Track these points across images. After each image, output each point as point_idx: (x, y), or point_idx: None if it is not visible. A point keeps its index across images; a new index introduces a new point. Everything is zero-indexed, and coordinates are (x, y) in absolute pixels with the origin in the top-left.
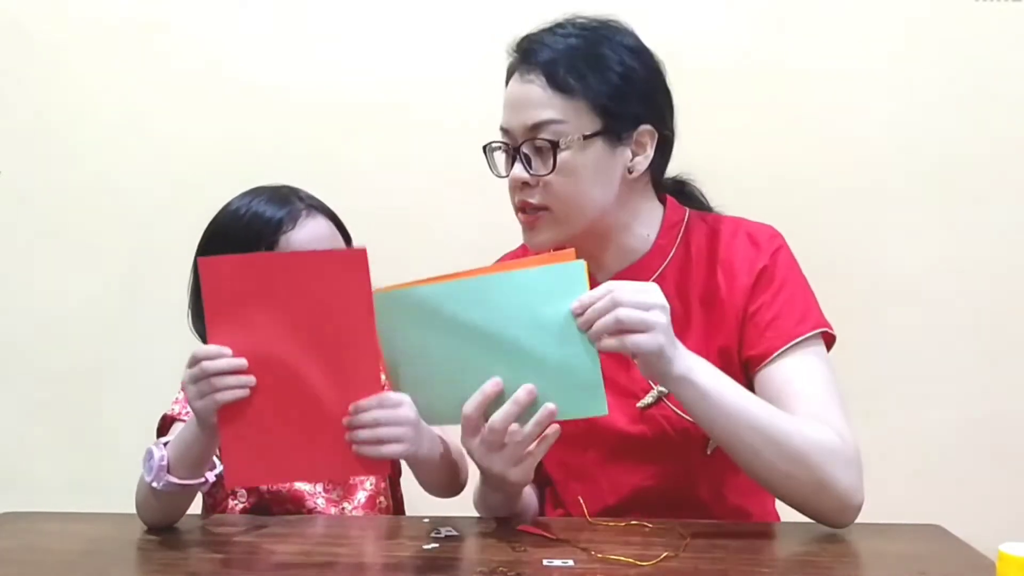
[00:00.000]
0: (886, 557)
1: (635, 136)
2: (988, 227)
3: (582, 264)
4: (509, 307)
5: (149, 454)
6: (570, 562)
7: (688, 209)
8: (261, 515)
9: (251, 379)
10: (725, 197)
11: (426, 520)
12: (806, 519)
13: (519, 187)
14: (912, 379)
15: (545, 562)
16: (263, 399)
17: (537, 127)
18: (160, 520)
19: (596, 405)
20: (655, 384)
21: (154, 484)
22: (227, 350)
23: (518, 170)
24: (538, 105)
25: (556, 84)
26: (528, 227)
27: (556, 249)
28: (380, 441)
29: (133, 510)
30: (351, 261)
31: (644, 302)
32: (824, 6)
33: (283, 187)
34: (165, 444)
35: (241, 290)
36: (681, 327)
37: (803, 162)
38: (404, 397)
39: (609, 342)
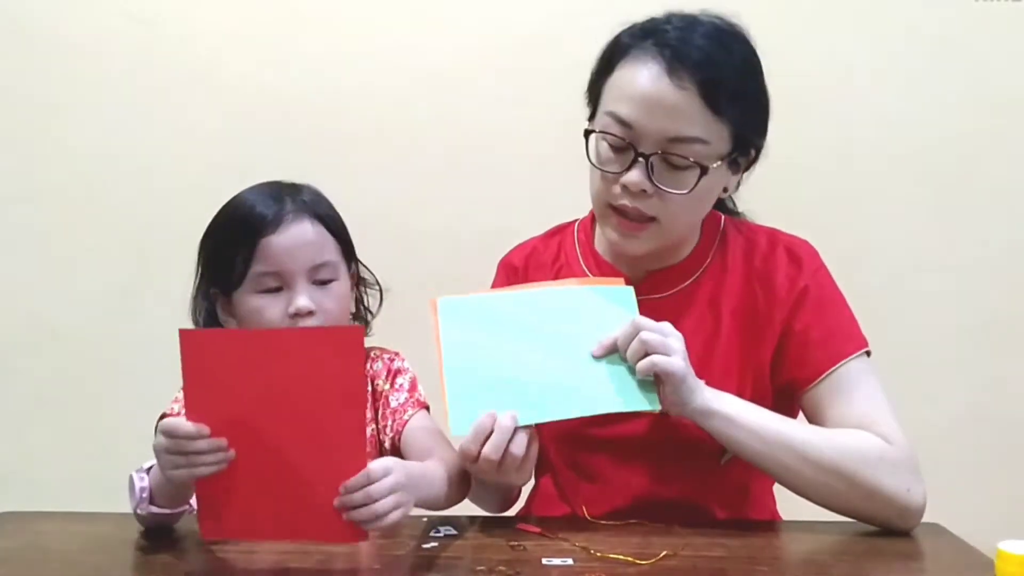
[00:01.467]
0: (885, 555)
1: (749, 159)
2: (985, 226)
3: (631, 290)
4: (570, 313)
5: (131, 482)
6: (569, 561)
7: (723, 216)
8: None
9: (231, 455)
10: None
11: (424, 519)
12: (805, 518)
13: (633, 192)
14: (909, 377)
15: (544, 561)
16: (244, 465)
17: (678, 141)
18: (156, 527)
19: (650, 399)
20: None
21: (138, 511)
22: (205, 430)
23: (638, 177)
24: (687, 118)
25: (711, 103)
26: (628, 232)
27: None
28: (378, 516)
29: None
30: (344, 340)
31: (662, 329)
32: (823, 5)
33: (286, 185)
34: (148, 469)
35: (224, 364)
36: (710, 337)
37: (798, 162)
38: (389, 464)
39: (642, 364)
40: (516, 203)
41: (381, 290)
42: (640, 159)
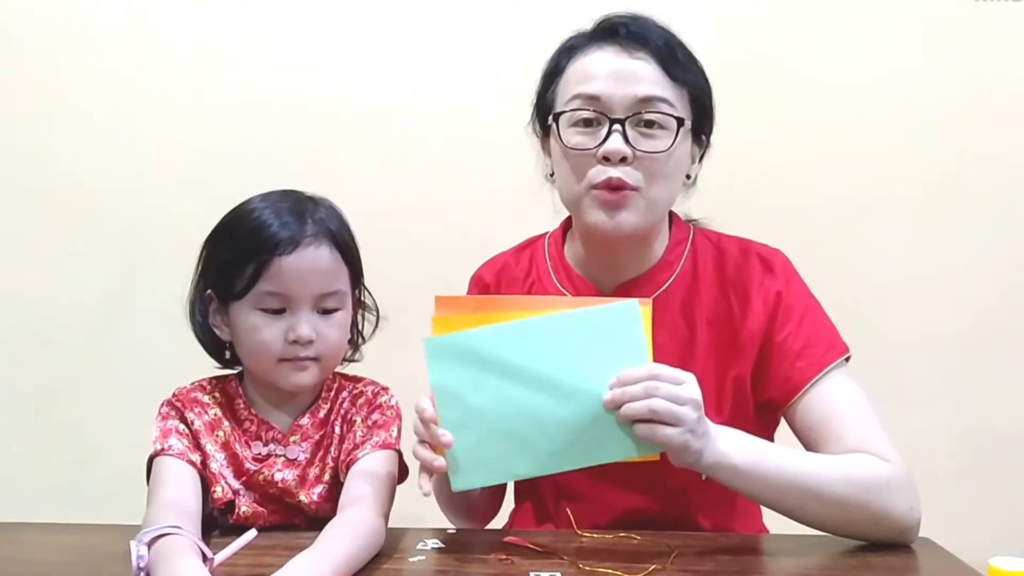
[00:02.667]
0: (876, 570)
1: (704, 143)
2: (977, 236)
3: (635, 303)
4: (566, 349)
5: (130, 550)
6: (557, 574)
7: (692, 226)
8: (252, 514)
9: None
10: (714, 205)
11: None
12: (792, 530)
13: (615, 162)
14: (900, 390)
15: (532, 574)
16: None
17: (647, 101)
18: None
19: (650, 447)
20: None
21: None
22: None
23: (618, 143)
24: (652, 81)
25: (667, 69)
26: (613, 206)
27: (634, 236)
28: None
29: (118, 521)
30: None
31: (679, 396)
32: (818, 14)
33: (305, 199)
34: (151, 542)
35: None
36: (686, 349)
37: (794, 172)
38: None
39: (640, 429)
40: (510, 210)
41: (378, 317)
42: (616, 125)
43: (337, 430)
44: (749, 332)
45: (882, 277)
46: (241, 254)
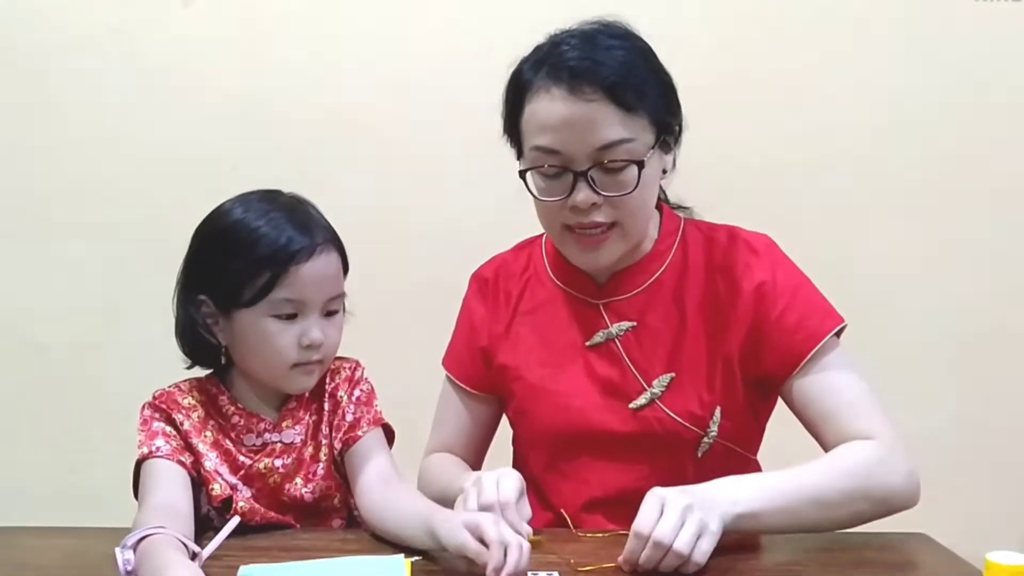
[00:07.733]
0: (872, 566)
1: (676, 133)
2: (976, 233)
3: (401, 558)
4: None
5: (115, 558)
6: (555, 573)
7: (683, 217)
8: (249, 510)
9: None
10: (707, 201)
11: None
12: None
13: (584, 210)
14: (897, 385)
15: (530, 574)
16: None
17: (607, 148)
18: None
19: None
20: (648, 386)
21: None
22: None
23: (586, 194)
24: (606, 125)
25: (622, 103)
26: (591, 247)
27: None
28: None
29: (113, 523)
30: None
31: (683, 528)
32: (814, 7)
33: (300, 208)
34: (135, 544)
35: None
36: (677, 331)
37: (788, 168)
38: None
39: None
40: (510, 211)
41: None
42: (580, 178)
43: (326, 406)
44: (736, 312)
45: (882, 275)
46: (254, 264)
